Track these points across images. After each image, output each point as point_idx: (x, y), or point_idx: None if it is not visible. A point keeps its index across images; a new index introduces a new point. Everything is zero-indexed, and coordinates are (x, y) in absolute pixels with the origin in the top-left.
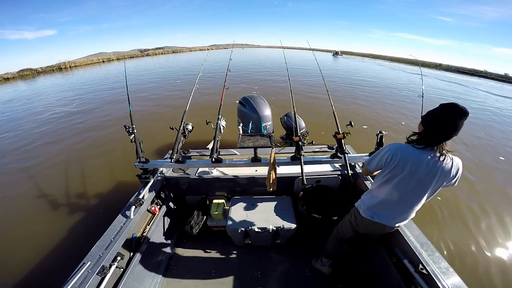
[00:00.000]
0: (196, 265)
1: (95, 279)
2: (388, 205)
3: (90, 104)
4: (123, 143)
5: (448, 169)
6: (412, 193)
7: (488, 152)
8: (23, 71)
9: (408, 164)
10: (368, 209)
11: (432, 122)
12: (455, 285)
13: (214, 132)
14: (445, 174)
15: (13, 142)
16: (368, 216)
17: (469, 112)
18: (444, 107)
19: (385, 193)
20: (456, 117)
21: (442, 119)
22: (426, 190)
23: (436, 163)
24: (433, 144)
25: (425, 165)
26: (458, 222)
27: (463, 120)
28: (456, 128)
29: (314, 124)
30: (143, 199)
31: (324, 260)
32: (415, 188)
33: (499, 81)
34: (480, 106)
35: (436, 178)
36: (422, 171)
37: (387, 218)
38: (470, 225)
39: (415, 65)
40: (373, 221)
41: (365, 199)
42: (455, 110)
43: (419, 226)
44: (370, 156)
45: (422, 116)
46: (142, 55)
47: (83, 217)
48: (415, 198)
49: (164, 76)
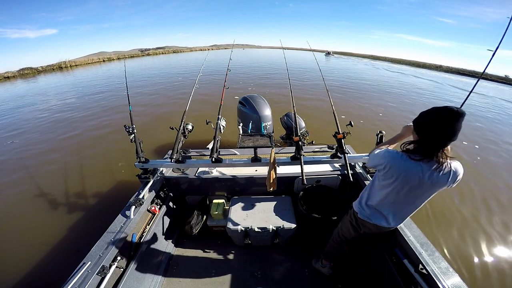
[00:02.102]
0: (196, 265)
1: (95, 279)
2: (383, 207)
3: (90, 104)
4: (123, 143)
5: (446, 178)
6: (406, 200)
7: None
8: (23, 70)
9: (402, 175)
10: (365, 210)
11: (426, 130)
12: (455, 285)
13: (214, 132)
14: (443, 184)
15: (13, 142)
16: (364, 217)
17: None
18: (438, 111)
19: (382, 195)
20: (453, 120)
21: (437, 125)
22: (421, 198)
23: (432, 174)
24: (430, 154)
25: (420, 177)
26: (458, 222)
27: (460, 122)
28: (454, 132)
29: (314, 124)
30: (143, 199)
31: (324, 262)
32: (409, 196)
33: (499, 82)
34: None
35: (432, 187)
36: (416, 183)
37: (384, 220)
38: (470, 224)
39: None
40: (371, 222)
41: (361, 200)
42: (449, 113)
43: (419, 226)
44: (374, 152)
45: (413, 121)
46: (143, 54)
47: (83, 217)
48: (409, 204)
49: (165, 76)
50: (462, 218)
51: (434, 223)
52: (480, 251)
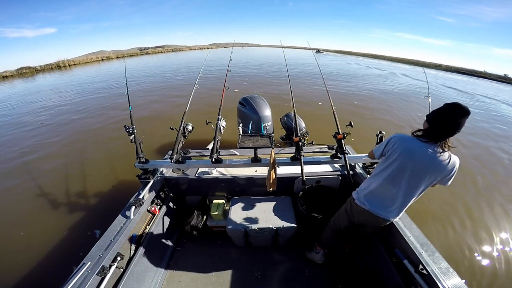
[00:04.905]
0: (196, 265)
1: (95, 279)
2: (381, 193)
3: (89, 104)
4: (123, 143)
5: (445, 164)
6: (407, 182)
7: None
8: (22, 69)
9: (410, 152)
10: (362, 197)
11: (437, 120)
12: (455, 285)
13: (214, 132)
14: (442, 169)
15: (13, 142)
16: (360, 203)
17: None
18: (448, 106)
19: (381, 180)
20: (459, 116)
21: (446, 118)
22: (421, 181)
23: (437, 157)
24: (436, 139)
25: (425, 156)
26: (457, 222)
27: (465, 118)
28: (458, 126)
29: (314, 124)
30: (143, 199)
31: (317, 248)
32: (411, 178)
33: (497, 81)
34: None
35: (433, 171)
36: (422, 162)
37: (378, 207)
38: (469, 225)
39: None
40: (365, 209)
41: (362, 187)
42: (458, 109)
43: (419, 226)
44: (378, 144)
45: (427, 115)
46: (142, 53)
47: (83, 217)
48: (409, 189)
49: (165, 76)
50: (462, 217)
51: (434, 223)
52: (480, 251)
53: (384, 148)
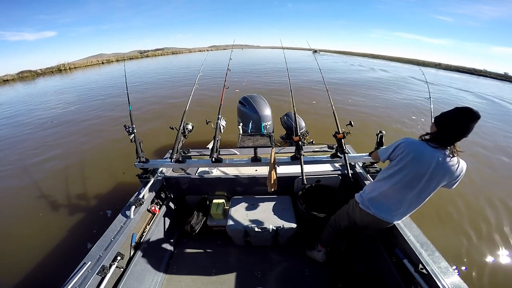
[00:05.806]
0: (196, 265)
1: (95, 279)
2: (387, 197)
3: (89, 104)
4: (123, 143)
5: (455, 170)
6: (415, 188)
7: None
8: (22, 72)
9: (420, 158)
10: (366, 200)
11: (446, 124)
12: (455, 285)
13: (214, 131)
14: (451, 174)
15: (12, 142)
16: (365, 207)
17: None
18: (459, 110)
19: (390, 184)
20: (470, 120)
21: (456, 122)
22: (430, 186)
23: (446, 162)
24: (445, 144)
25: (436, 162)
26: (457, 221)
27: (475, 123)
28: (468, 130)
29: (314, 124)
30: (143, 199)
31: (319, 247)
32: (419, 183)
33: (498, 79)
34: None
35: (442, 176)
36: (432, 167)
37: (383, 211)
38: (469, 225)
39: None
40: (369, 213)
41: (366, 191)
42: (469, 113)
43: (419, 226)
44: (384, 147)
45: (435, 117)
46: (142, 56)
47: (83, 217)
48: (416, 194)
49: (164, 76)
50: (462, 218)
51: (434, 223)
52: (480, 251)
53: (392, 152)
